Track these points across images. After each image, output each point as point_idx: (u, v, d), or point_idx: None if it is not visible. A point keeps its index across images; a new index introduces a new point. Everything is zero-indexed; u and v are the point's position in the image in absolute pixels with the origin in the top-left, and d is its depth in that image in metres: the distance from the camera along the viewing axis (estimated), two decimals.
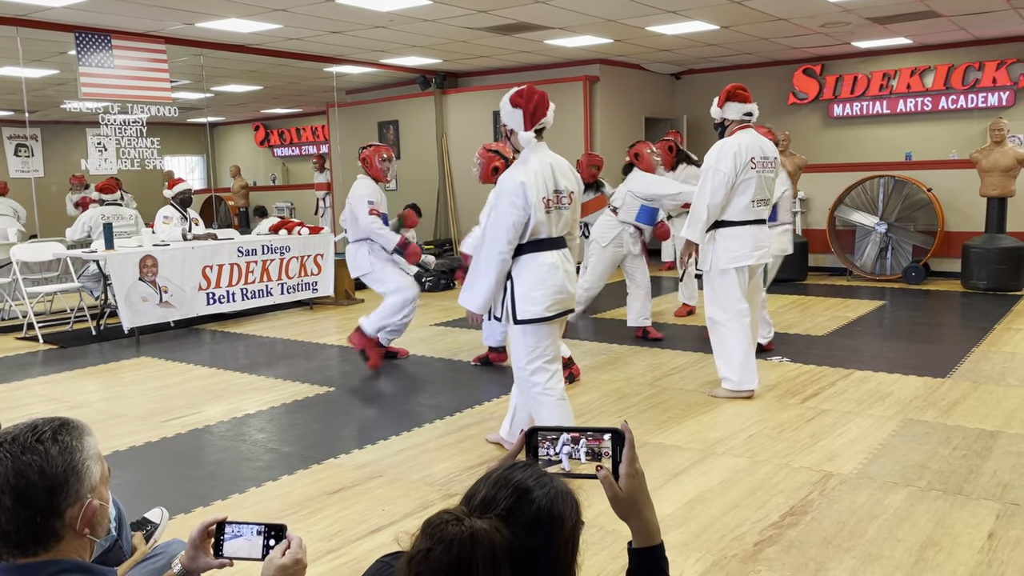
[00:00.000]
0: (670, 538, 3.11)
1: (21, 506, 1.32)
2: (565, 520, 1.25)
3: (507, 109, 3.78)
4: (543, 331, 3.76)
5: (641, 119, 11.85)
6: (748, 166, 4.80)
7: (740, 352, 4.92)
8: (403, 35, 8.97)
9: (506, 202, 3.62)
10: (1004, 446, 4.05)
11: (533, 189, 3.61)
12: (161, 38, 8.58)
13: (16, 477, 1.32)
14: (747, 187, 4.82)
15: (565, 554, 1.25)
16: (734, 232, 4.87)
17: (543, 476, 1.30)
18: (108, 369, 6.31)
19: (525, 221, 3.62)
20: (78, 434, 1.42)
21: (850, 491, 3.56)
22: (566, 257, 3.79)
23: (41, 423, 1.40)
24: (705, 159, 4.92)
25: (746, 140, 4.85)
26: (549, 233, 3.71)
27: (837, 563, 2.91)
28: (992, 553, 2.96)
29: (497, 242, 3.66)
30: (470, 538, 1.12)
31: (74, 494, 1.36)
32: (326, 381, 5.75)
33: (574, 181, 3.84)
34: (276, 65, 10.72)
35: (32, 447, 1.35)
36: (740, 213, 4.86)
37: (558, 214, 3.73)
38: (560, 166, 3.78)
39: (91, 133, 8.54)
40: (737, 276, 4.90)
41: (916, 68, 10.36)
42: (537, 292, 3.67)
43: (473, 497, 1.28)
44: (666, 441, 4.27)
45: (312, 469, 4.02)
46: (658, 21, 8.47)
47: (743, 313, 4.91)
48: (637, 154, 6.67)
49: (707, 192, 4.81)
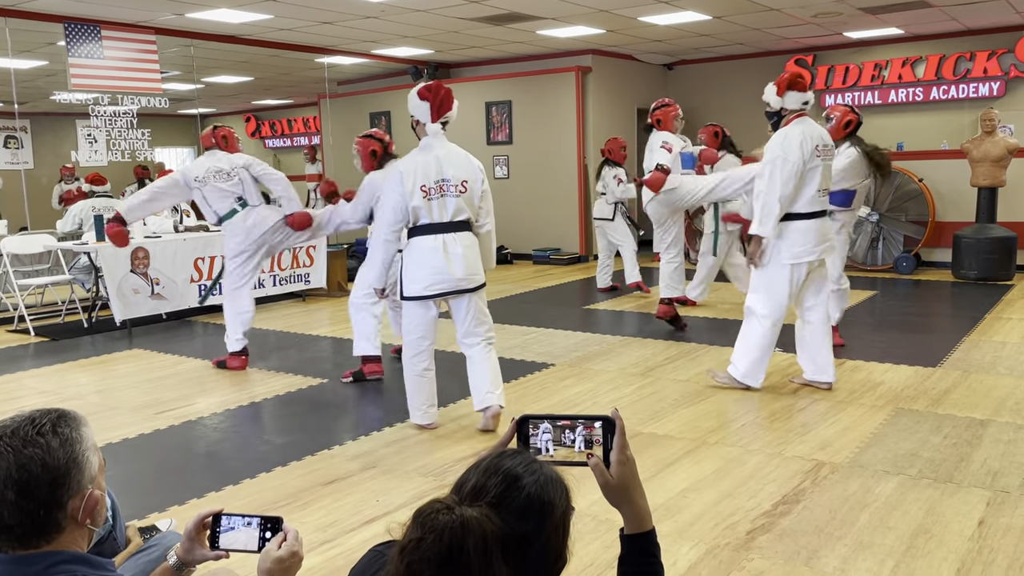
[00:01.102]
0: (663, 527, 3.13)
1: (24, 499, 1.32)
2: (555, 506, 1.26)
3: (415, 102, 4.22)
4: (418, 309, 4.23)
5: (633, 110, 11.84)
6: (814, 154, 4.61)
7: (759, 348, 4.81)
8: (395, 25, 8.93)
9: (388, 189, 4.19)
10: (994, 434, 4.08)
11: (410, 178, 4.08)
12: (151, 29, 8.52)
13: (19, 471, 1.32)
14: (813, 176, 4.62)
15: (556, 540, 1.26)
16: (801, 226, 4.65)
17: (532, 463, 1.31)
18: (100, 361, 6.29)
19: (404, 206, 4.08)
20: (76, 425, 1.43)
21: (842, 480, 3.58)
22: (458, 241, 4.14)
23: (39, 416, 1.40)
24: (767, 150, 4.69)
25: (807, 128, 4.66)
26: (431, 219, 4.12)
27: (829, 551, 2.93)
28: (982, 540, 2.98)
29: (383, 226, 4.21)
30: (461, 526, 1.13)
31: (75, 485, 1.37)
32: (319, 373, 5.74)
33: (469, 171, 4.21)
34: (267, 56, 10.66)
35: (33, 440, 1.35)
36: (807, 204, 4.65)
37: (442, 201, 4.12)
38: (451, 157, 4.19)
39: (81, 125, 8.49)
40: (792, 273, 4.67)
41: (908, 58, 10.37)
42: (418, 272, 4.14)
43: (463, 485, 1.29)
44: (659, 431, 4.29)
45: (306, 460, 4.02)
46: (650, 11, 8.45)
47: (779, 313, 4.74)
48: (660, 119, 6.55)
49: (778, 183, 4.56)
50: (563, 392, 5.08)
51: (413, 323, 4.31)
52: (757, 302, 4.81)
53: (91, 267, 7.66)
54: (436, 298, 4.22)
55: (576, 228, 11.29)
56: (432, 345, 4.37)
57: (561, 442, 1.47)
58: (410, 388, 4.43)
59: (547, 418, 1.49)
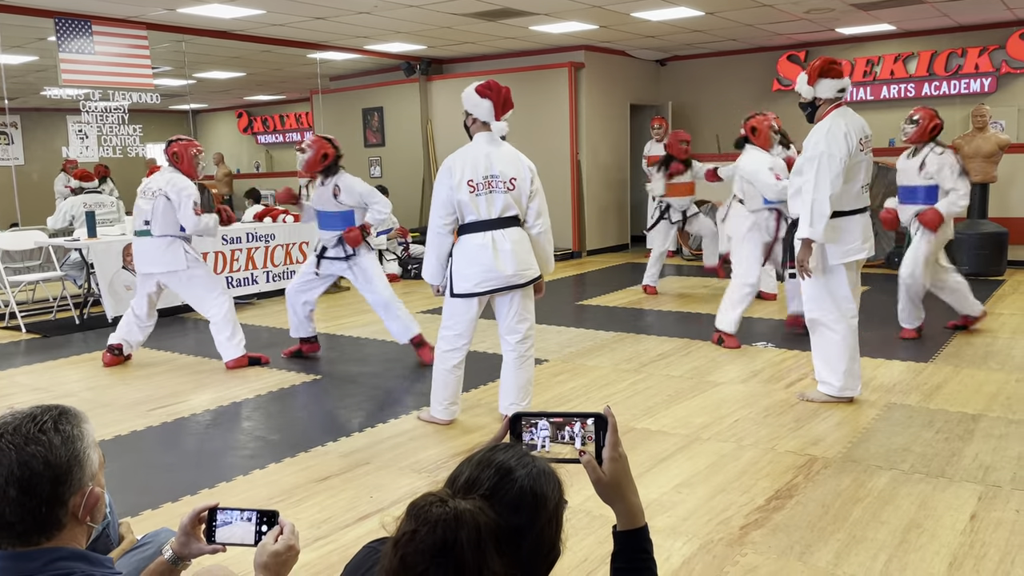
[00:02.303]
0: (657, 523, 3.14)
1: (26, 497, 1.32)
2: (548, 499, 1.27)
3: (474, 100, 4.13)
4: (461, 307, 4.20)
5: (626, 105, 11.85)
6: (859, 148, 4.34)
7: (845, 356, 4.46)
8: (387, 21, 8.91)
9: (437, 182, 4.13)
10: (986, 429, 4.10)
11: (458, 171, 4.05)
12: (142, 24, 8.48)
13: (21, 468, 1.32)
14: (857, 171, 4.37)
15: (549, 532, 1.26)
16: (845, 224, 4.37)
17: (525, 456, 1.31)
18: (92, 358, 6.27)
19: (452, 199, 4.06)
20: (77, 422, 1.42)
21: (834, 475, 3.59)
22: (507, 237, 4.09)
23: (40, 412, 1.39)
24: (808, 145, 4.35)
25: (849, 120, 4.36)
26: (478, 215, 4.07)
27: (822, 545, 2.94)
28: (974, 535, 3.00)
29: (434, 219, 4.17)
30: (454, 519, 1.13)
31: (77, 483, 1.37)
32: (312, 369, 5.73)
33: (518, 169, 4.16)
34: (259, 51, 10.62)
35: (35, 437, 1.34)
36: (851, 201, 4.38)
37: (490, 197, 4.07)
38: (502, 154, 4.13)
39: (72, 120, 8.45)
40: (847, 273, 4.43)
41: (899, 54, 10.39)
42: (468, 270, 4.10)
43: (457, 479, 1.29)
44: (652, 427, 4.30)
45: (299, 457, 4.02)
46: (643, 7, 8.45)
47: (851, 313, 4.44)
48: (754, 128, 6.00)
49: (826, 182, 4.22)
50: (556, 388, 5.08)
51: (454, 320, 4.25)
52: (822, 311, 4.46)
53: (83, 263, 7.62)
54: (485, 295, 4.16)
55: (569, 224, 11.29)
56: (467, 345, 4.31)
57: (556, 439, 1.47)
58: (437, 382, 4.37)
59: (540, 415, 1.49)
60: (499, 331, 4.34)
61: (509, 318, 4.27)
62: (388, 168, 12.59)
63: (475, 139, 4.17)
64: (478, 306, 4.22)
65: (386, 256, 10.11)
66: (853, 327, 4.47)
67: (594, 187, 11.43)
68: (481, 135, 4.15)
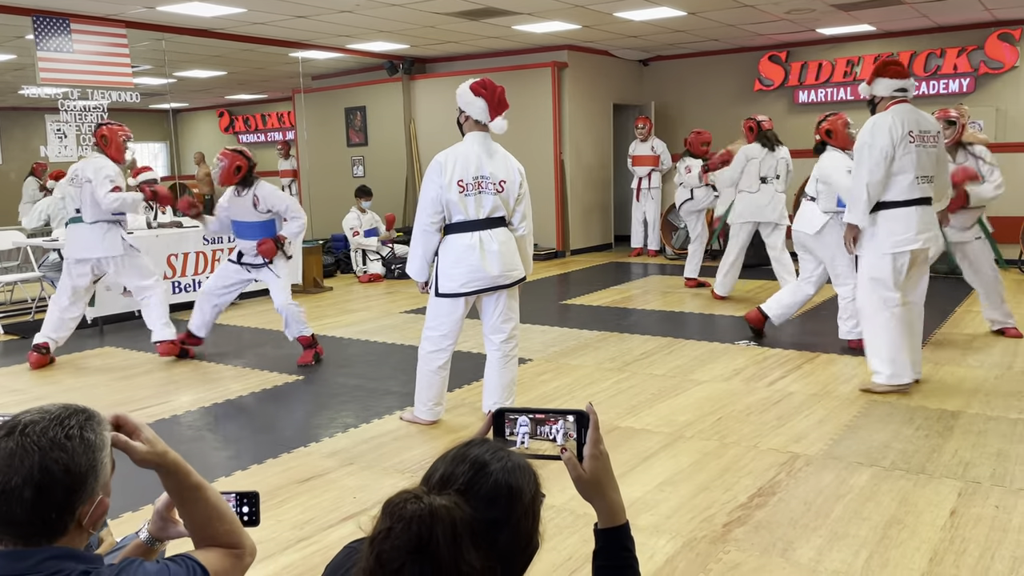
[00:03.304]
0: (640, 521, 3.15)
1: (40, 501, 1.31)
2: (523, 492, 1.27)
3: (468, 98, 4.08)
4: (447, 307, 4.17)
5: (609, 105, 11.87)
6: (906, 140, 4.42)
7: (890, 344, 4.56)
8: (370, 20, 8.88)
9: (427, 179, 4.09)
10: (965, 425, 4.14)
11: (448, 169, 4.01)
12: (121, 22, 8.39)
13: (41, 472, 1.31)
14: (908, 163, 4.44)
15: (526, 524, 1.26)
16: (896, 213, 4.48)
17: (500, 450, 1.31)
18: (71, 360, 6.21)
19: (441, 198, 4.02)
20: (100, 429, 1.42)
21: (816, 472, 3.61)
22: (494, 237, 4.08)
23: (65, 415, 1.39)
24: (858, 136, 4.58)
25: (902, 114, 4.48)
26: (466, 215, 4.05)
27: (804, 542, 2.96)
28: (954, 530, 3.03)
29: (421, 217, 4.11)
30: (429, 514, 1.13)
31: (89, 492, 1.37)
32: (295, 369, 5.70)
33: (508, 171, 4.14)
34: (240, 50, 10.55)
35: (61, 443, 1.34)
36: (903, 192, 4.47)
37: (479, 198, 4.05)
38: (492, 155, 4.11)
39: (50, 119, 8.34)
40: (893, 262, 4.50)
41: (879, 55, 10.46)
42: (454, 270, 4.08)
43: (432, 475, 1.30)
44: (636, 425, 4.31)
45: (282, 458, 4.00)
46: (626, 7, 8.47)
47: (892, 302, 4.53)
48: (830, 130, 5.74)
49: (865, 170, 4.44)
50: (540, 387, 5.08)
51: (439, 320, 4.23)
52: (864, 298, 4.64)
53: (61, 264, 7.54)
54: (471, 295, 4.16)
55: (553, 224, 11.30)
56: (452, 345, 4.30)
57: (538, 435, 1.47)
58: (421, 383, 4.36)
59: (523, 411, 1.49)
60: (483, 330, 4.34)
61: (494, 318, 4.27)
62: (371, 168, 12.54)
63: (467, 138, 4.14)
64: (464, 306, 4.21)
65: (370, 256, 10.08)
66: (897, 315, 4.54)
67: (578, 187, 11.44)
68: (473, 134, 4.12)
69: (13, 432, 1.34)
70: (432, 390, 4.35)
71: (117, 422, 1.50)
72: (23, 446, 1.32)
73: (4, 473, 1.31)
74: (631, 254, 11.29)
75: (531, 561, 1.28)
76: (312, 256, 9.21)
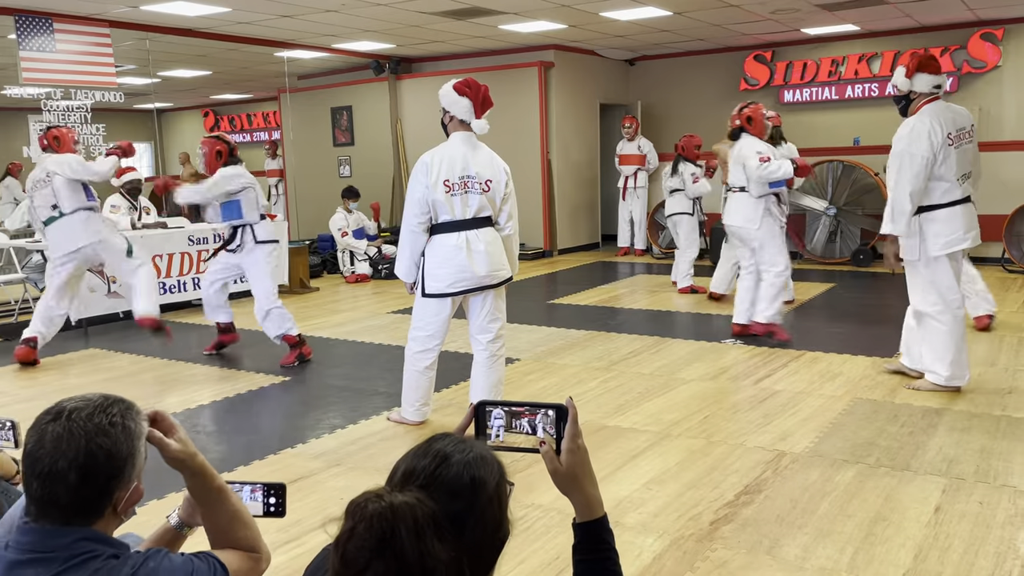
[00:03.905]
0: (627, 519, 3.15)
1: (83, 484, 1.38)
2: (486, 482, 1.27)
3: (452, 97, 4.08)
4: (434, 307, 4.17)
5: (596, 105, 11.88)
6: (946, 143, 4.38)
7: (952, 347, 4.53)
8: (355, 19, 8.85)
9: (413, 180, 4.06)
10: (949, 423, 4.17)
11: (435, 169, 4.00)
12: (105, 21, 8.33)
13: (87, 457, 1.38)
14: (948, 166, 4.40)
15: (491, 513, 1.27)
16: (942, 215, 4.44)
17: (462, 443, 1.32)
18: (56, 362, 6.16)
19: (427, 198, 4.00)
20: (139, 418, 1.49)
21: (802, 469, 3.63)
22: (480, 237, 4.08)
23: (107, 403, 1.45)
24: (895, 141, 4.47)
25: (938, 115, 4.42)
26: (453, 215, 4.05)
27: (790, 539, 2.98)
28: (939, 527, 3.05)
29: (408, 217, 4.10)
30: (391, 512, 1.15)
31: (127, 478, 1.44)
32: (281, 371, 5.68)
33: (493, 171, 4.13)
34: (225, 50, 10.49)
35: (105, 430, 1.41)
36: (945, 194, 4.43)
37: (465, 198, 4.04)
38: (478, 155, 4.11)
39: (33, 120, 8.27)
40: (950, 263, 4.48)
41: (864, 54, 10.53)
42: (441, 271, 4.08)
43: (395, 473, 1.31)
44: (623, 424, 4.32)
45: (268, 459, 3.98)
46: (612, 7, 8.48)
47: (957, 304, 4.52)
48: (751, 118, 5.99)
49: (907, 180, 4.35)
50: (528, 387, 5.08)
51: (425, 320, 4.22)
52: (925, 302, 4.57)
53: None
54: (458, 295, 4.15)
55: (540, 223, 11.31)
56: (440, 346, 4.29)
57: (512, 428, 1.48)
58: (408, 383, 4.35)
59: (503, 404, 1.50)
60: (470, 330, 4.34)
61: (481, 318, 4.27)
62: (357, 168, 12.51)
63: (452, 138, 4.13)
64: (451, 306, 4.21)
65: (357, 256, 10.06)
66: (959, 317, 4.54)
67: (565, 186, 11.45)
68: (458, 134, 4.11)
69: (60, 417, 1.40)
70: (419, 391, 4.34)
71: (155, 417, 1.55)
72: (70, 430, 1.38)
73: (51, 456, 1.37)
74: (618, 253, 11.32)
75: (502, 547, 1.29)
76: (299, 256, 9.17)
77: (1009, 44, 9.66)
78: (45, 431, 1.39)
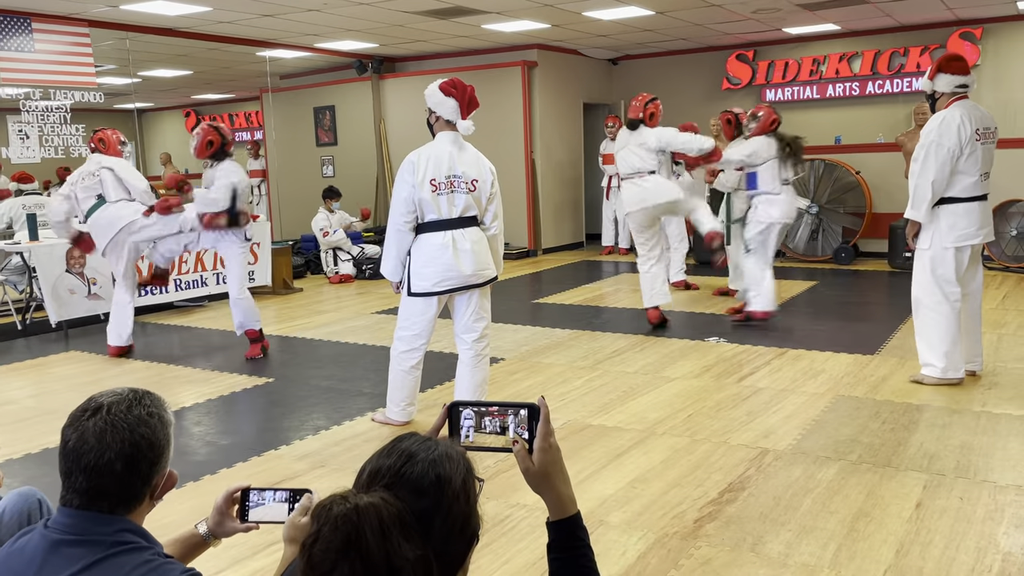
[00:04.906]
0: (612, 518, 3.16)
1: (128, 473, 1.46)
2: (451, 479, 1.28)
3: (438, 98, 4.09)
4: (420, 306, 4.17)
5: (579, 104, 11.90)
6: (973, 139, 4.50)
7: (947, 337, 4.62)
8: (338, 18, 8.82)
9: (399, 179, 4.07)
10: (930, 419, 4.21)
11: (421, 168, 4.01)
12: (84, 21, 8.26)
13: (131, 447, 1.46)
14: (973, 161, 4.51)
15: (458, 509, 1.28)
16: (960, 209, 4.56)
17: (427, 441, 1.33)
18: (35, 364, 6.10)
19: (413, 197, 4.01)
20: (168, 409, 1.57)
21: (785, 466, 3.65)
22: (466, 236, 4.09)
23: (138, 396, 1.53)
24: (923, 134, 4.60)
25: (967, 111, 4.54)
26: (439, 214, 4.05)
27: (774, 536, 2.99)
28: (920, 522, 3.08)
29: (395, 216, 4.10)
30: (355, 513, 1.15)
31: (164, 465, 1.52)
32: (264, 372, 5.65)
33: (479, 171, 4.14)
34: (206, 49, 10.43)
35: (145, 420, 1.49)
36: (968, 188, 4.54)
37: (451, 197, 4.05)
38: (464, 155, 4.12)
39: (11, 120, 8.18)
40: (956, 256, 4.59)
41: (844, 54, 10.61)
42: (427, 270, 4.08)
43: (361, 473, 1.32)
44: (607, 423, 4.33)
45: (252, 461, 3.96)
46: (594, 6, 8.50)
47: (954, 296, 4.61)
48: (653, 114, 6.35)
49: (932, 168, 4.48)
50: (513, 386, 5.08)
51: (411, 320, 4.22)
52: (924, 291, 4.68)
53: (24, 267, 7.41)
54: (444, 294, 4.16)
55: (525, 223, 11.31)
56: (425, 345, 4.29)
57: (481, 428, 1.49)
58: (393, 383, 4.35)
59: (474, 405, 1.50)
60: (455, 330, 4.33)
61: (466, 317, 4.26)
62: (341, 168, 12.47)
63: (438, 138, 4.14)
64: (437, 306, 4.21)
65: (341, 257, 10.02)
66: (955, 309, 4.62)
67: (549, 185, 11.46)
68: (444, 134, 4.12)
69: (99, 412, 1.48)
70: (404, 390, 4.34)
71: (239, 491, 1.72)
72: (112, 424, 1.46)
73: (97, 450, 1.44)
74: (602, 252, 11.34)
75: (473, 544, 1.29)
76: (282, 257, 9.13)
77: (988, 43, 9.75)
78: (86, 427, 1.46)
